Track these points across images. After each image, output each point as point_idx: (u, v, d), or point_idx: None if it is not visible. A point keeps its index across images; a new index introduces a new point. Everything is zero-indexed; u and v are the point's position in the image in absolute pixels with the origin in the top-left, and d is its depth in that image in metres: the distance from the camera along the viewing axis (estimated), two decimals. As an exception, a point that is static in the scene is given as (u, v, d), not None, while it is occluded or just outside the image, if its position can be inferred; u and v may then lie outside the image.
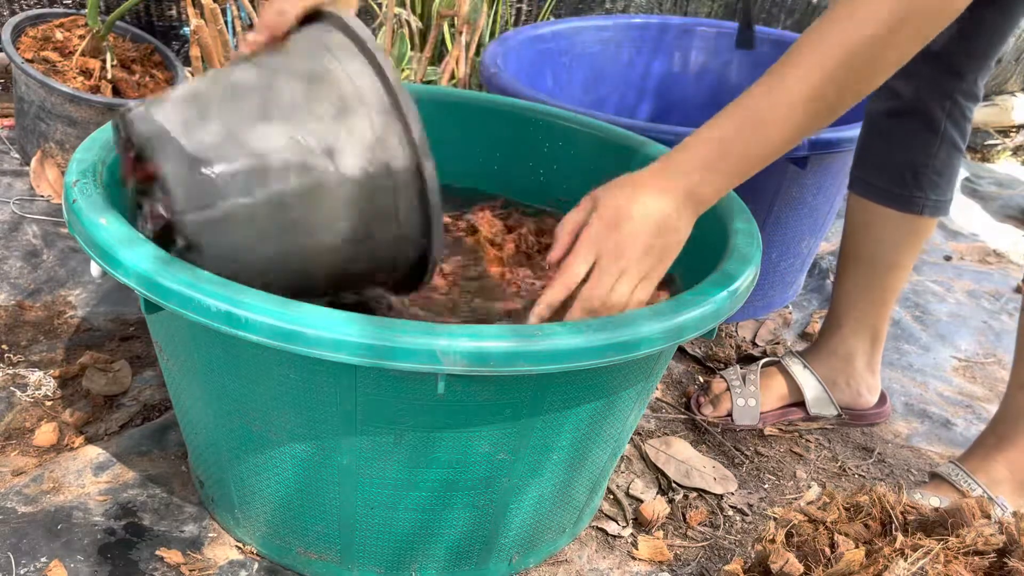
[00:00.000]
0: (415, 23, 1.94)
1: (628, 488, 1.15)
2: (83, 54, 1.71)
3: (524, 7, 2.26)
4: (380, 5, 2.08)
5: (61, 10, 1.84)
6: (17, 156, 1.78)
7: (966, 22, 1.08)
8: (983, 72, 1.13)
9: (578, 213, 0.84)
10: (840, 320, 1.28)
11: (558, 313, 0.83)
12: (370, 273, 0.83)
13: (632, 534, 1.08)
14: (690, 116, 1.82)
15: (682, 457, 1.20)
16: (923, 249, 1.75)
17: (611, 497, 1.13)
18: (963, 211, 2.16)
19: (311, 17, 0.84)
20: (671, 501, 1.13)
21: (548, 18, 2.28)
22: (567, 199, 1.07)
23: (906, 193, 1.17)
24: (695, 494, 1.16)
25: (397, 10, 1.88)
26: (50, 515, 0.98)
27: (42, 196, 1.64)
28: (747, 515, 1.13)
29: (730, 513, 1.14)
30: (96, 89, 1.68)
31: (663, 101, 1.84)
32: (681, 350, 1.45)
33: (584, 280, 0.81)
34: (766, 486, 1.19)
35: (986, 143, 2.58)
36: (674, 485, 1.16)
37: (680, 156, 0.82)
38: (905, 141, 1.16)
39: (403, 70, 1.92)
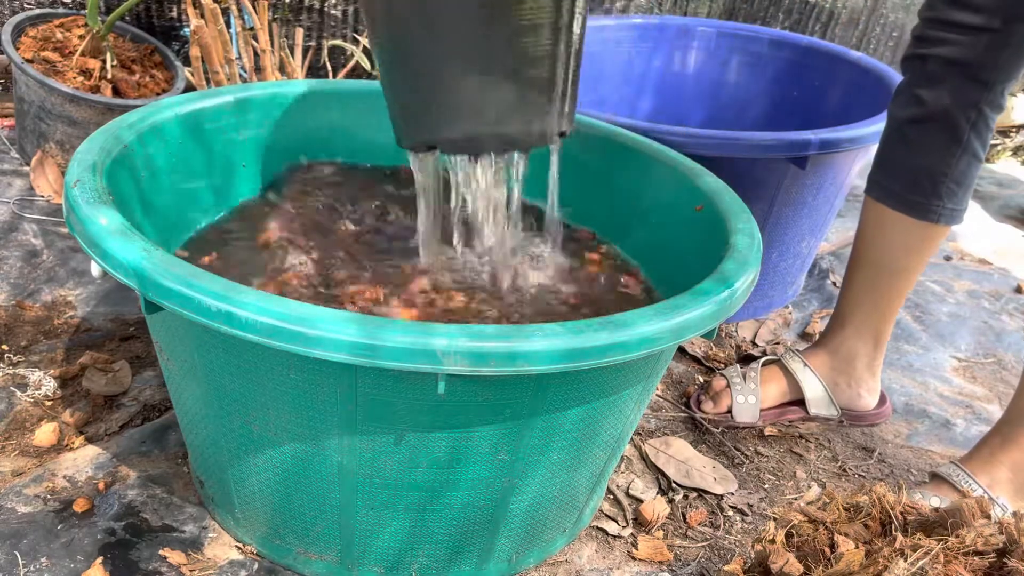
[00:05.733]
0: (415, 23, 1.94)
1: (628, 488, 1.15)
2: (83, 54, 1.71)
3: (524, 7, 2.26)
4: (380, 5, 2.07)
5: (61, 10, 1.84)
6: (17, 156, 1.78)
7: (997, 34, 1.07)
8: (1010, 83, 1.12)
9: None
10: (844, 321, 1.28)
11: None
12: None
13: (632, 534, 1.08)
14: (689, 115, 1.82)
15: (682, 457, 1.20)
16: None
17: (611, 497, 1.13)
18: (963, 211, 2.16)
19: None
20: (671, 501, 1.13)
21: (548, 18, 2.27)
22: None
23: (923, 200, 1.16)
24: (695, 494, 1.16)
25: (397, 10, 1.88)
26: (50, 515, 0.99)
27: (42, 196, 1.64)
28: (747, 515, 1.13)
29: (730, 513, 1.14)
30: (96, 89, 1.68)
31: (662, 100, 1.84)
32: (681, 350, 1.45)
33: None
34: (766, 486, 1.19)
35: (986, 143, 2.58)
36: (674, 485, 1.16)
37: None
38: (926, 148, 1.15)
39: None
